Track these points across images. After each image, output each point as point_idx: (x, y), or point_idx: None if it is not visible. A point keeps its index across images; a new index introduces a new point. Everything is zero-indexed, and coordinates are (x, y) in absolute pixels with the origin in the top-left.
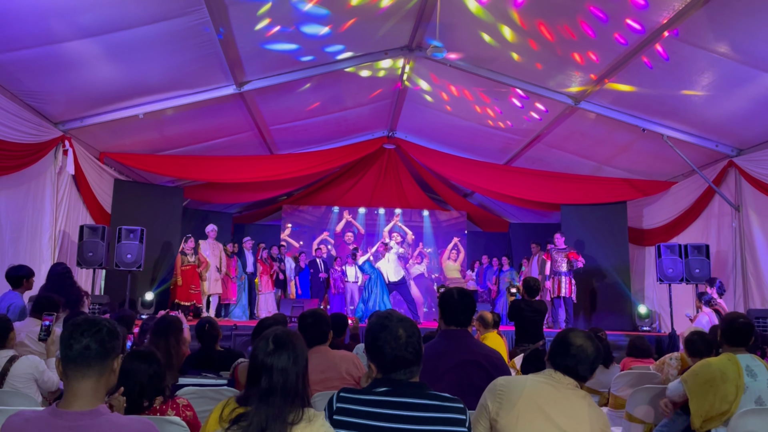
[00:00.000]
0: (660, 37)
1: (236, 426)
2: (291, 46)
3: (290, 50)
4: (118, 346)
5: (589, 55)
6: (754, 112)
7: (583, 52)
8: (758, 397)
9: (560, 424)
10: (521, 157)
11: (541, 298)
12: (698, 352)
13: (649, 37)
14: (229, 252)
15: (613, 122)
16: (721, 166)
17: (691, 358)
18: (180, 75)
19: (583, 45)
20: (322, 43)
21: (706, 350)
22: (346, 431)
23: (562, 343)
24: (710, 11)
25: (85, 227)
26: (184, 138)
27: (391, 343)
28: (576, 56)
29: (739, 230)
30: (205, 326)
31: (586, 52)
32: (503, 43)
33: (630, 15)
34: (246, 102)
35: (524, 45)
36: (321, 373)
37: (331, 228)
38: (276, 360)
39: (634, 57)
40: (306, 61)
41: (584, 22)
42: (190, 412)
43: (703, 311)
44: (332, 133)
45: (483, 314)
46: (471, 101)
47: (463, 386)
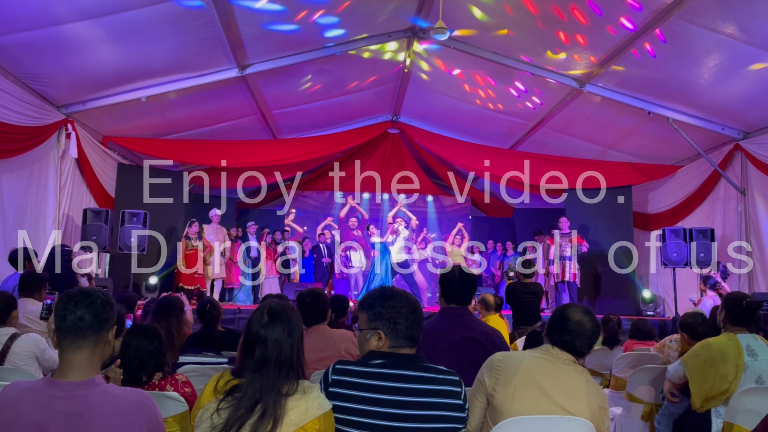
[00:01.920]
0: (666, 17)
1: (231, 397)
2: (292, 27)
3: (292, 31)
4: (113, 318)
5: (594, 37)
6: (760, 94)
7: (589, 34)
8: (759, 376)
9: (557, 400)
10: (526, 141)
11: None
12: (698, 336)
13: (655, 17)
14: (232, 237)
15: (619, 105)
16: (727, 149)
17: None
18: (182, 58)
19: (589, 27)
20: (325, 26)
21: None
22: (342, 403)
23: (560, 319)
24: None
25: (89, 211)
26: (187, 122)
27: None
28: (581, 38)
29: (744, 214)
30: (207, 306)
31: (591, 34)
32: (508, 24)
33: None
34: (249, 85)
35: (529, 26)
36: (319, 352)
37: (335, 213)
38: (270, 331)
39: (639, 38)
40: (308, 43)
41: (591, 1)
42: (189, 389)
43: (707, 295)
44: (336, 118)
45: (485, 296)
46: (475, 84)
47: (462, 363)
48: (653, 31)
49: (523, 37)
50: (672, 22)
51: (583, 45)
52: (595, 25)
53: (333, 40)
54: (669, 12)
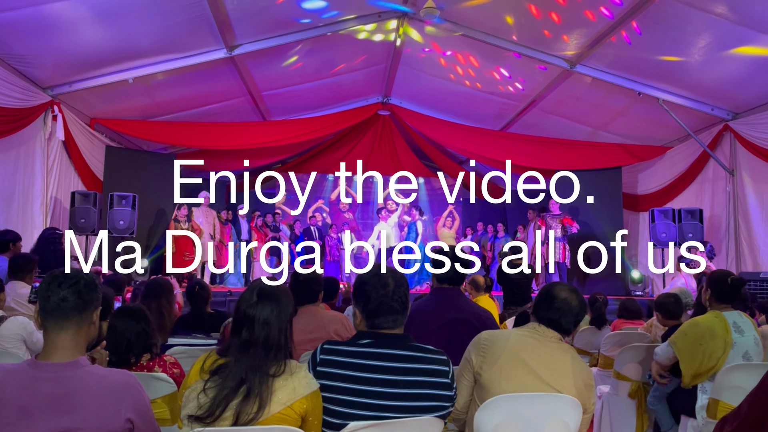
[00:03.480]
0: None
1: (216, 376)
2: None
3: (280, 11)
4: (97, 299)
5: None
6: (750, 74)
7: (581, 13)
8: (745, 352)
9: (543, 377)
10: (517, 122)
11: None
12: (672, 315)
13: None
14: (223, 219)
15: (609, 86)
16: (716, 130)
17: (664, 321)
18: (169, 38)
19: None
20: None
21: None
22: (330, 382)
23: (546, 296)
24: None
25: (77, 193)
26: (175, 104)
27: (378, 289)
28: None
29: (733, 194)
30: (196, 288)
31: (583, 12)
32: (499, 4)
33: None
34: (237, 67)
35: (520, 5)
36: (309, 333)
37: (326, 196)
38: (259, 312)
39: (630, 17)
40: (298, 23)
41: None
42: (177, 370)
43: (681, 274)
44: (326, 100)
45: (475, 278)
46: (466, 66)
47: (453, 343)
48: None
49: (515, 18)
50: (662, 1)
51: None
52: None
53: (322, 20)
54: None
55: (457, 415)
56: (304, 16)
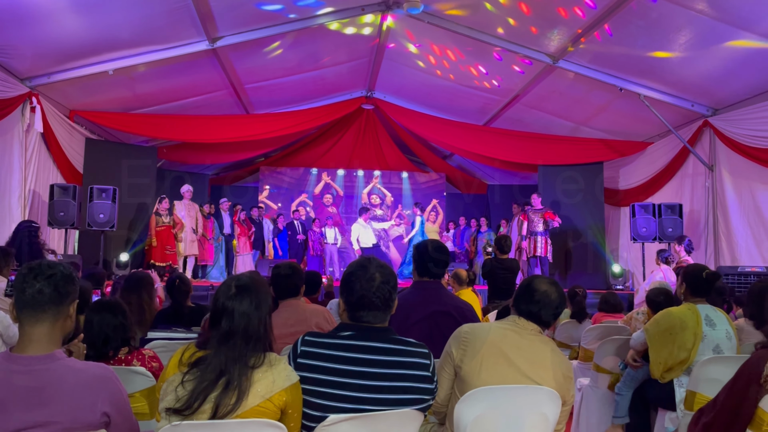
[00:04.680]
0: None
1: (195, 369)
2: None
3: (263, 3)
4: (74, 292)
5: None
6: (730, 70)
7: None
8: (716, 346)
9: (523, 370)
10: (500, 117)
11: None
12: None
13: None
14: (205, 213)
15: (591, 81)
16: (696, 126)
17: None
18: (150, 29)
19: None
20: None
21: None
22: (310, 374)
23: (526, 289)
24: None
25: (56, 186)
26: (156, 96)
27: (363, 282)
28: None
29: (712, 190)
30: (176, 281)
31: (564, 8)
32: None
33: None
34: (220, 59)
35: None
36: (291, 327)
37: (309, 190)
38: (237, 304)
39: (612, 14)
40: (280, 15)
41: None
42: (156, 363)
43: (660, 268)
44: (310, 93)
45: (457, 271)
46: (450, 60)
47: (434, 336)
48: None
49: (498, 12)
50: None
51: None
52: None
53: (307, 12)
54: None
55: (438, 408)
56: (287, 8)
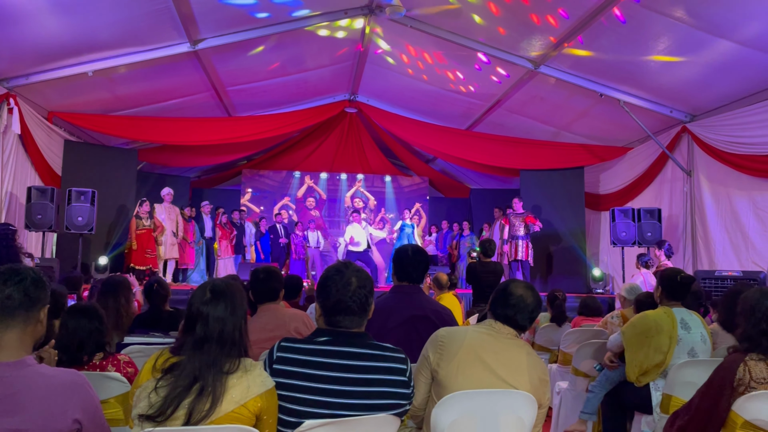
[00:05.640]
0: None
1: (169, 375)
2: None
3: (246, 5)
4: (45, 297)
5: (549, 18)
6: (707, 77)
7: (543, 15)
8: (691, 349)
9: (499, 373)
10: (482, 122)
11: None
12: None
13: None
14: (186, 216)
15: (572, 87)
16: (674, 131)
17: None
18: (130, 31)
19: (544, 7)
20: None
21: None
22: (286, 380)
23: (503, 294)
24: None
25: (33, 189)
26: (137, 98)
27: (339, 287)
28: (536, 18)
29: (690, 195)
30: (154, 285)
31: (546, 15)
32: (465, 4)
33: None
34: (201, 61)
35: (486, 6)
36: (269, 332)
37: (292, 193)
38: (212, 309)
39: (592, 21)
40: (263, 18)
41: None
42: (132, 369)
43: (640, 272)
44: (292, 96)
45: (438, 276)
46: (433, 65)
47: (412, 340)
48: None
49: (480, 17)
50: (624, 5)
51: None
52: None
53: (289, 15)
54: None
55: (415, 412)
56: (269, 11)
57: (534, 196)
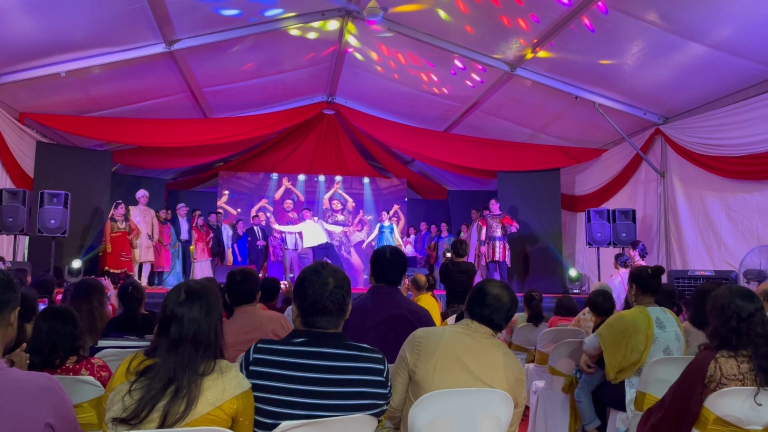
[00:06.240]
0: (592, 4)
1: (143, 377)
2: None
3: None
4: (14, 299)
5: (525, 21)
6: (680, 80)
7: (522, 17)
8: (666, 347)
9: (476, 373)
10: (460, 124)
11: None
12: (604, 312)
13: (582, 4)
14: (162, 219)
15: (548, 89)
16: (648, 133)
17: (597, 316)
18: (104, 31)
19: (521, 10)
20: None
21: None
22: (263, 381)
23: (479, 293)
24: None
25: (4, 191)
26: (111, 99)
27: (316, 287)
28: (513, 22)
29: (663, 196)
30: (129, 288)
31: (522, 18)
32: (442, 6)
33: None
34: (177, 62)
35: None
36: (246, 334)
37: (269, 195)
38: (187, 310)
39: (567, 24)
40: (239, 19)
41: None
42: (106, 373)
43: (618, 272)
44: (270, 97)
45: (416, 277)
46: (410, 67)
47: (389, 341)
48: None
49: (457, 20)
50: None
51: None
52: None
53: (266, 17)
54: None
55: (392, 412)
56: (248, 12)
57: (511, 198)
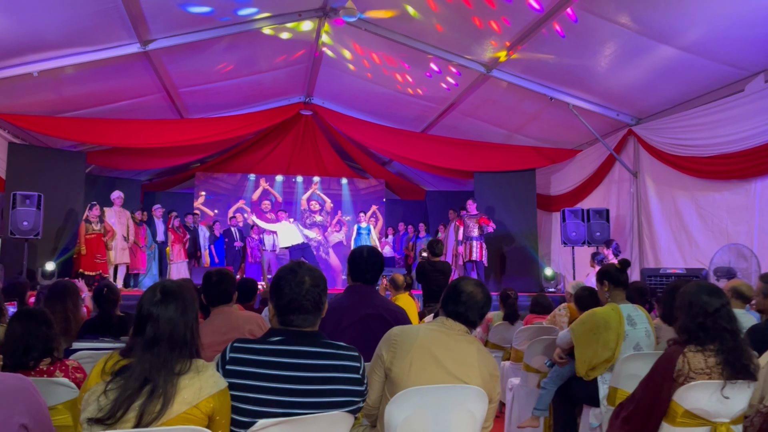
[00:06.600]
0: (565, 6)
1: (119, 377)
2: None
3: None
4: None
5: (497, 24)
6: (651, 82)
7: (494, 19)
8: (636, 344)
9: (451, 369)
10: (437, 125)
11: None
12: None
13: (555, 6)
14: (137, 220)
15: (523, 91)
16: (621, 134)
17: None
18: (77, 30)
19: (493, 13)
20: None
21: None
22: (239, 380)
23: (454, 291)
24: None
25: None
26: (85, 99)
27: (293, 286)
28: (486, 24)
29: (636, 195)
30: (104, 290)
31: (495, 20)
32: (419, 8)
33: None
34: (152, 62)
35: (440, 11)
36: (223, 334)
37: (247, 196)
38: (163, 310)
39: (543, 25)
40: (215, 19)
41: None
42: (81, 374)
43: (594, 270)
44: (247, 98)
45: (394, 276)
46: (388, 67)
47: (366, 339)
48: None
49: (434, 22)
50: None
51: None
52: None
53: (242, 17)
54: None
55: (369, 410)
56: (221, 12)
57: (487, 198)
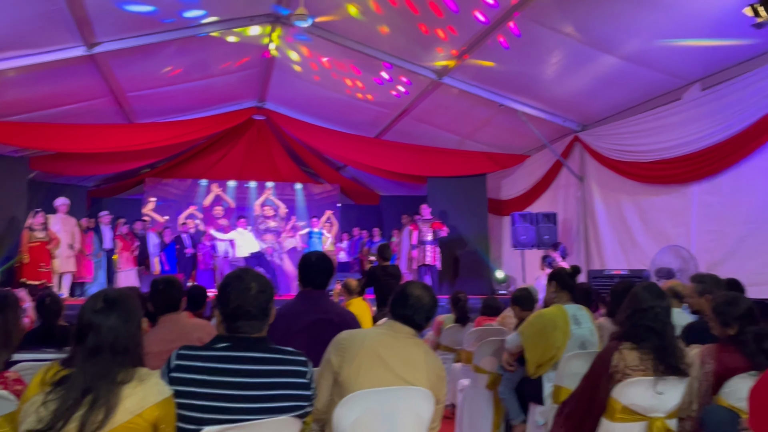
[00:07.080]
0: (512, 16)
1: (59, 388)
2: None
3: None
4: None
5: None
6: (595, 89)
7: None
8: (581, 343)
9: (398, 372)
10: (391, 130)
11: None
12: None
13: (502, 16)
14: (83, 227)
15: (474, 97)
16: (568, 140)
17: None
18: (19, 32)
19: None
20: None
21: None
22: (185, 387)
23: (401, 295)
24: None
25: None
26: (28, 103)
27: (239, 292)
28: (432, 31)
29: (582, 199)
30: (46, 300)
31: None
32: (369, 15)
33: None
34: (98, 65)
35: (390, 18)
36: (171, 342)
37: (198, 202)
38: (104, 319)
39: (490, 34)
40: (165, 23)
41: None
42: (21, 386)
43: (544, 273)
44: (198, 102)
45: (347, 281)
46: (341, 73)
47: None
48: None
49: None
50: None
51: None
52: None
53: (190, 20)
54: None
55: (318, 415)
56: (170, 15)
57: (440, 203)
